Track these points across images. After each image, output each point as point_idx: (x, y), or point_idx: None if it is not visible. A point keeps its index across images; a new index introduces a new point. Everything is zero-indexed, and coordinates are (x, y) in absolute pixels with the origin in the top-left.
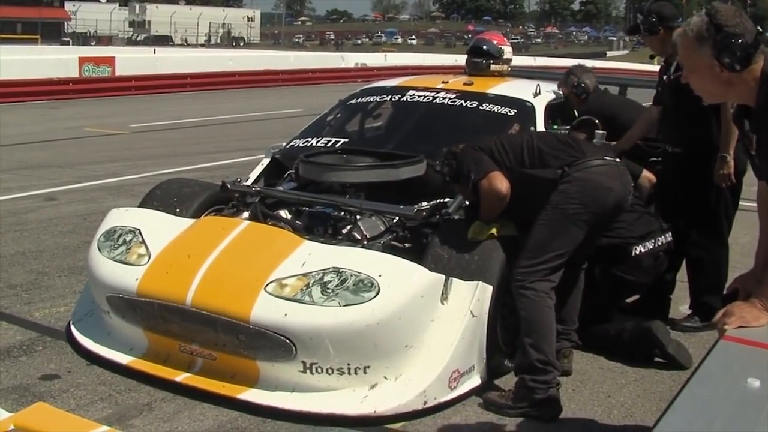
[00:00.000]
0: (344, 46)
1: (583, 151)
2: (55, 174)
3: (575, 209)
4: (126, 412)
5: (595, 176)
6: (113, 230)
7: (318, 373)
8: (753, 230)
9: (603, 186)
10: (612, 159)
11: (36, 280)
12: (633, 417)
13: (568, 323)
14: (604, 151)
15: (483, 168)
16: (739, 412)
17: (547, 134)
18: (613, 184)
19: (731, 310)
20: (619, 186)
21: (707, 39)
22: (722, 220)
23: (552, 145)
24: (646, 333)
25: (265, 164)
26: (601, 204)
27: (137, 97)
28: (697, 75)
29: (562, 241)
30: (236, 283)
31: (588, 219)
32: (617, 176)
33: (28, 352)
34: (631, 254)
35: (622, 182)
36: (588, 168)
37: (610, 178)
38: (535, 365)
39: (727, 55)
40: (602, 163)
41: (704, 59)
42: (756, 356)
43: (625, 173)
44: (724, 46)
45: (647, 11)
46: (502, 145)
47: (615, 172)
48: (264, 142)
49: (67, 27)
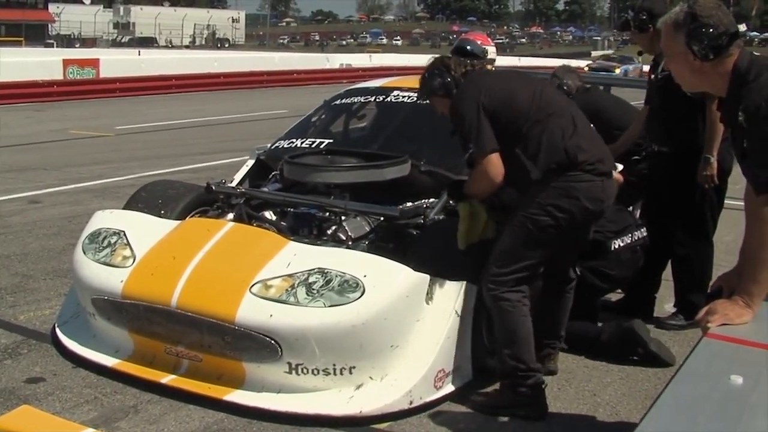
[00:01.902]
0: (329, 47)
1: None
2: (39, 176)
3: (547, 222)
4: (112, 414)
5: (574, 192)
6: (98, 232)
7: (304, 374)
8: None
9: (580, 204)
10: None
11: (21, 283)
12: (618, 415)
13: (554, 338)
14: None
15: (484, 143)
16: (723, 410)
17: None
18: (591, 204)
19: (714, 308)
20: (597, 204)
21: (682, 27)
22: (707, 218)
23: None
24: (627, 332)
25: (250, 165)
26: (576, 221)
27: (122, 99)
28: (674, 62)
29: (533, 252)
30: (221, 285)
31: (559, 232)
32: (599, 193)
33: (13, 355)
34: (610, 248)
35: (602, 199)
36: (571, 181)
37: (589, 197)
38: (517, 373)
39: (697, 43)
40: (587, 179)
41: (679, 46)
42: (739, 353)
43: (608, 188)
44: (695, 34)
45: (638, 8)
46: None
47: (598, 188)
48: (249, 143)
49: (52, 29)
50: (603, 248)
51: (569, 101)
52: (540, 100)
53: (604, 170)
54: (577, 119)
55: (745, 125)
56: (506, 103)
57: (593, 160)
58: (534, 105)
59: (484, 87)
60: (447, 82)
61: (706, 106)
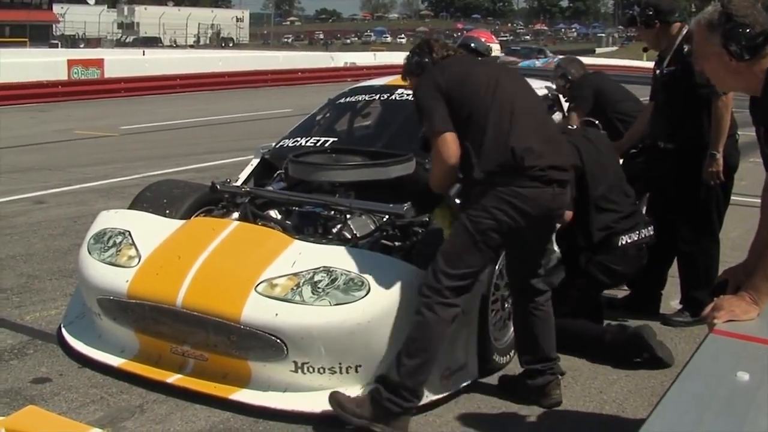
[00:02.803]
0: (333, 45)
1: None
2: (44, 177)
3: (488, 225)
4: (118, 414)
5: (518, 198)
6: (103, 232)
7: (310, 373)
8: (743, 225)
9: (524, 212)
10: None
11: (26, 283)
12: (625, 412)
13: (547, 359)
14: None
15: (435, 124)
16: (729, 406)
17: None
18: (537, 212)
19: (720, 304)
20: (545, 213)
21: (717, 27)
22: (713, 215)
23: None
24: (635, 339)
25: (254, 164)
26: (520, 229)
27: (127, 99)
28: (708, 63)
29: (472, 257)
30: (227, 284)
31: (502, 238)
32: (548, 202)
33: (19, 355)
34: (617, 244)
35: (551, 208)
36: (516, 186)
37: (536, 205)
38: (400, 390)
39: (734, 43)
40: (535, 186)
41: (714, 47)
42: (745, 350)
43: (559, 197)
44: (732, 35)
45: (644, 4)
46: (460, 88)
47: (547, 197)
48: (253, 142)
49: (56, 29)
50: (610, 243)
51: (531, 96)
52: (495, 88)
53: (557, 178)
54: (537, 116)
55: None
56: (461, 84)
57: (544, 165)
58: (489, 90)
59: (447, 69)
60: (424, 63)
61: (711, 102)
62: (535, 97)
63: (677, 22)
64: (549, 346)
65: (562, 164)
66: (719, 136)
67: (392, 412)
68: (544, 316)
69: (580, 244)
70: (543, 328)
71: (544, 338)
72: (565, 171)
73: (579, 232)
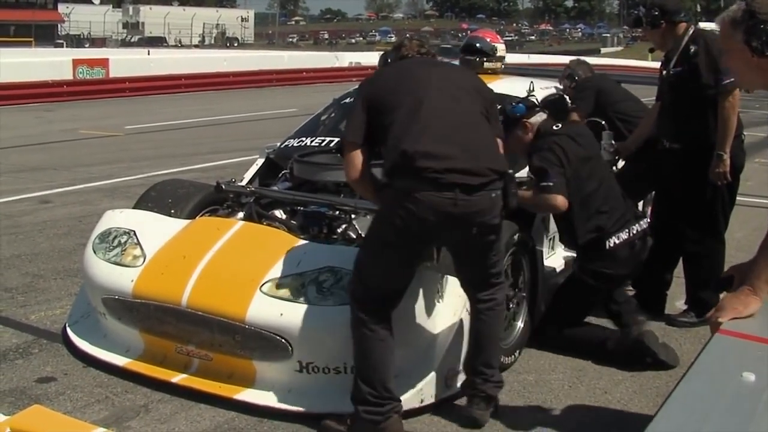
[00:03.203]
0: (338, 45)
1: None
2: (50, 176)
3: (385, 229)
4: (123, 413)
5: (411, 201)
6: (108, 232)
7: (314, 373)
8: (749, 225)
9: (419, 216)
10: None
11: (31, 282)
12: (630, 413)
13: (479, 373)
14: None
15: (347, 132)
16: (735, 407)
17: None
18: (435, 218)
19: (722, 304)
20: (448, 219)
21: (740, 24)
22: (719, 216)
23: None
24: (637, 344)
25: (259, 164)
26: (421, 232)
27: (131, 98)
28: (732, 59)
29: (377, 261)
30: (232, 284)
31: (400, 242)
32: (447, 207)
33: (24, 354)
34: (605, 247)
35: (453, 213)
36: (410, 190)
37: (433, 210)
38: (367, 398)
39: (756, 39)
40: (430, 189)
41: (737, 44)
42: (751, 350)
43: (462, 202)
44: (754, 31)
45: (650, 4)
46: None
47: (446, 202)
48: (258, 142)
49: (61, 29)
50: (599, 246)
51: (459, 101)
52: (414, 92)
53: (459, 182)
54: (453, 121)
55: None
56: (389, 92)
57: (440, 168)
58: (408, 95)
59: (381, 76)
60: (381, 63)
61: (718, 102)
62: (465, 102)
63: (683, 22)
64: (486, 358)
65: (470, 168)
66: (726, 136)
67: (375, 421)
68: (482, 327)
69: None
70: (478, 337)
71: (477, 348)
72: (475, 176)
73: (566, 235)
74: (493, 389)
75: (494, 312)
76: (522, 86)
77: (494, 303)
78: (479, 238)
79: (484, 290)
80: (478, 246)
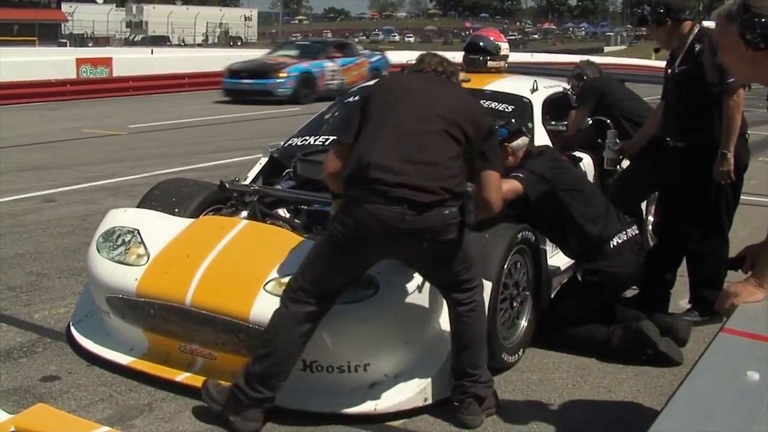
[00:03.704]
0: None
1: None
2: (53, 175)
3: (332, 234)
4: (127, 412)
5: (357, 211)
6: (112, 231)
7: (318, 372)
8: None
9: (361, 222)
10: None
11: (35, 281)
12: (634, 411)
13: (467, 375)
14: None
15: (339, 133)
16: (739, 405)
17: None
18: (375, 226)
19: (726, 292)
20: (383, 230)
21: (735, 17)
22: (722, 215)
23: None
24: (636, 334)
25: (263, 163)
26: (365, 239)
27: (135, 97)
28: (727, 53)
29: (321, 261)
30: (235, 283)
31: (345, 248)
32: (394, 221)
33: (28, 353)
34: (609, 248)
35: (399, 228)
36: (358, 200)
37: (380, 221)
38: (250, 380)
39: (750, 32)
40: (377, 202)
41: (731, 37)
42: (755, 349)
43: (409, 218)
44: (748, 24)
45: (655, 2)
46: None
47: (394, 217)
48: (262, 141)
49: (64, 28)
50: (602, 249)
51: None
52: (390, 107)
53: (409, 198)
54: (415, 139)
55: None
56: (378, 95)
57: (391, 181)
58: (383, 109)
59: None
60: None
61: (722, 101)
62: (437, 125)
63: (688, 20)
64: (472, 359)
65: (422, 185)
66: (730, 135)
67: (240, 402)
68: (461, 329)
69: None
70: (468, 337)
71: (467, 347)
72: (427, 193)
73: (566, 248)
74: (484, 390)
75: (475, 313)
76: (526, 85)
77: (474, 305)
78: (434, 254)
79: (460, 294)
80: (436, 260)
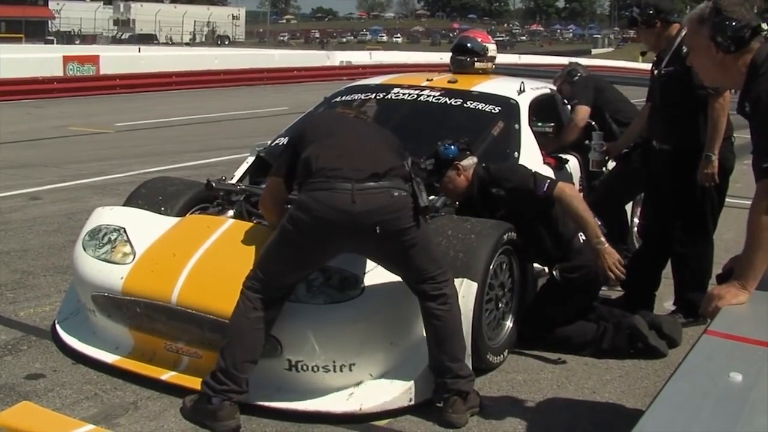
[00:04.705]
0: (329, 44)
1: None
2: (40, 173)
3: (286, 228)
4: (112, 410)
5: (311, 200)
6: (98, 229)
7: (303, 371)
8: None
9: (316, 214)
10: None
11: (21, 279)
12: (618, 413)
13: (447, 371)
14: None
15: (274, 168)
16: (722, 407)
17: None
18: (334, 215)
19: (711, 294)
20: (334, 216)
21: (707, 20)
22: (707, 217)
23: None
24: (630, 330)
25: (250, 162)
26: (319, 230)
27: (122, 95)
28: (697, 56)
29: (277, 255)
30: (221, 282)
31: (302, 241)
32: (344, 204)
33: (13, 351)
34: (580, 241)
35: (350, 210)
36: (311, 190)
37: (330, 206)
38: (216, 372)
39: (721, 35)
40: (327, 187)
41: (702, 40)
42: (738, 351)
43: (358, 199)
44: (719, 27)
45: (644, 4)
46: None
47: (344, 199)
48: (249, 140)
49: (52, 26)
50: (572, 247)
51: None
52: (333, 126)
53: (353, 177)
54: (356, 146)
55: (750, 114)
56: (311, 126)
57: (337, 166)
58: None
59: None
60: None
61: (708, 103)
62: (374, 137)
63: (677, 22)
64: (451, 352)
65: (359, 166)
66: (715, 137)
67: (214, 398)
68: (437, 323)
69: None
70: (443, 331)
71: (444, 341)
72: (366, 170)
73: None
74: (466, 385)
75: (447, 306)
76: (513, 86)
77: (445, 298)
78: (391, 243)
79: (429, 288)
80: (395, 251)
